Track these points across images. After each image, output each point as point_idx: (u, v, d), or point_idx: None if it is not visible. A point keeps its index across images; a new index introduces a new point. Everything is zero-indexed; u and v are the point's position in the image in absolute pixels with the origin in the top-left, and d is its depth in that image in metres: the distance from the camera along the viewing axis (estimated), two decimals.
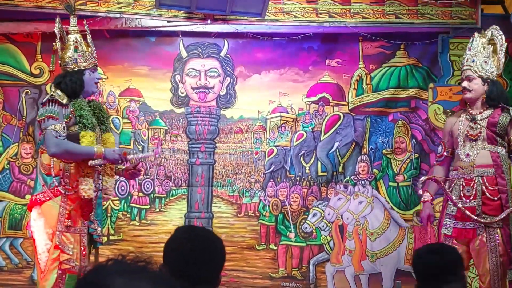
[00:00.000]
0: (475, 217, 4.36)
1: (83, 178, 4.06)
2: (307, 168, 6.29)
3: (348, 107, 6.32)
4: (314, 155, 6.30)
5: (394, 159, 6.23)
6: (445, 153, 4.68)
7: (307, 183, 6.29)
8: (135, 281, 1.26)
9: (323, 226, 6.22)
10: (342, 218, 6.19)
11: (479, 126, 4.48)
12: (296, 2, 6.01)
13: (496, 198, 4.40)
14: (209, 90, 6.34)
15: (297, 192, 6.27)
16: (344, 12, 6.01)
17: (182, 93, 6.33)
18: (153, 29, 6.15)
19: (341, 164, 6.27)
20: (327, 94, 6.33)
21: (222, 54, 6.35)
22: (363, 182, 6.22)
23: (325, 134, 6.31)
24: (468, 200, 4.43)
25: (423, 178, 4.71)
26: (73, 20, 4.37)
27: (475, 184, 4.43)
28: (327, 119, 6.32)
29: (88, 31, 4.43)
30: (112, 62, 6.27)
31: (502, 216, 4.34)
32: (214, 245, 2.33)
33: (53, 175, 4.08)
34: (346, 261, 6.16)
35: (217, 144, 6.32)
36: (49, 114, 4.03)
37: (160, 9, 5.79)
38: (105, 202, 5.02)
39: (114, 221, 6.19)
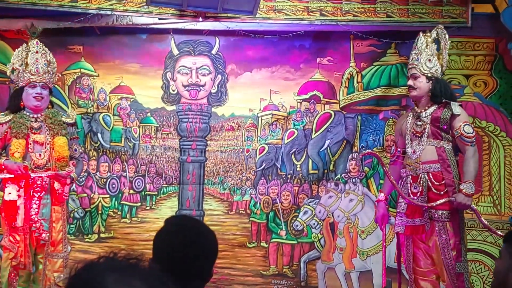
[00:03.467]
0: (422, 203, 4.43)
1: (7, 184, 4.55)
2: (298, 166, 6.30)
3: (339, 105, 6.33)
4: (305, 153, 6.31)
5: (385, 157, 6.24)
6: (397, 153, 4.75)
7: (298, 181, 6.30)
8: (127, 278, 1.26)
9: (314, 224, 6.24)
10: (333, 216, 6.21)
11: (423, 123, 4.55)
12: (288, 0, 6.01)
13: (442, 193, 4.45)
14: (201, 87, 6.34)
15: (288, 190, 6.28)
16: (335, 11, 6.02)
17: (173, 90, 6.32)
18: (144, 26, 6.14)
19: (332, 162, 6.29)
20: (318, 92, 6.34)
21: (213, 51, 6.35)
22: (354, 180, 6.24)
23: (316, 132, 6.32)
24: (415, 197, 4.48)
25: (365, 151, 4.78)
26: (31, 43, 4.83)
27: (421, 181, 4.49)
28: (318, 117, 6.33)
29: (38, 47, 4.81)
30: (103, 59, 6.25)
31: (441, 202, 4.39)
32: (206, 237, 2.26)
33: None
34: (337, 258, 6.17)
35: (208, 142, 6.32)
36: None
37: (151, 6, 5.78)
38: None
39: (105, 219, 6.18)
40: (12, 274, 4.50)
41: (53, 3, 5.79)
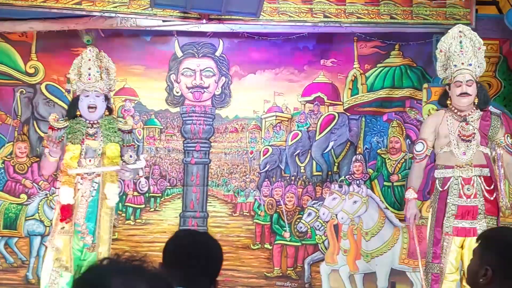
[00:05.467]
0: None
1: (62, 187, 4.62)
2: (302, 168, 6.30)
3: (343, 107, 6.33)
4: (309, 154, 6.31)
5: (389, 159, 6.24)
6: (426, 152, 4.69)
7: (302, 182, 6.30)
8: (132, 280, 1.26)
9: (318, 226, 6.23)
10: (337, 217, 6.20)
11: (471, 127, 4.53)
12: (291, 2, 6.01)
13: (492, 198, 4.48)
14: (204, 89, 6.34)
15: (292, 191, 6.27)
16: (339, 12, 6.01)
17: (177, 92, 6.33)
18: (148, 28, 6.15)
19: (336, 164, 6.28)
20: (322, 93, 6.33)
21: (217, 53, 6.35)
22: (357, 181, 6.23)
23: (320, 133, 6.32)
24: (469, 199, 4.47)
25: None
26: (85, 51, 4.84)
27: (475, 183, 4.48)
28: (322, 119, 6.33)
29: (91, 54, 4.78)
30: None
31: None
32: (212, 249, 2.36)
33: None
34: (341, 260, 6.16)
35: (212, 144, 6.32)
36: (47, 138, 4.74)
37: (155, 8, 5.78)
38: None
39: None
40: (53, 275, 4.56)
41: (57, 5, 5.79)
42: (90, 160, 4.68)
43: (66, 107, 6.04)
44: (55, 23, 5.91)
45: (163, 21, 6.04)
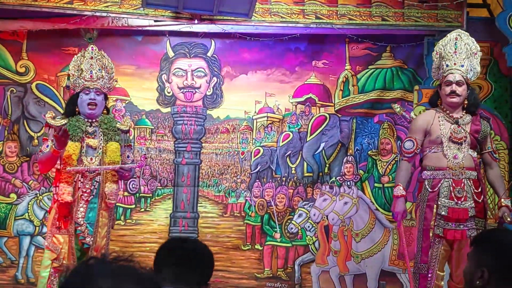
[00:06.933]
0: None
1: (61, 184, 4.51)
2: (293, 169, 6.31)
3: (334, 108, 6.34)
4: (300, 155, 6.31)
5: (380, 160, 6.26)
6: (416, 150, 4.68)
7: (293, 183, 6.30)
8: (119, 280, 1.26)
9: (308, 227, 6.23)
10: (327, 218, 6.21)
11: (463, 130, 4.54)
12: (283, 3, 6.01)
13: (480, 201, 4.50)
14: (196, 90, 6.34)
15: (283, 192, 6.28)
16: (330, 14, 6.03)
17: (169, 92, 6.32)
18: (140, 28, 6.14)
19: (327, 165, 6.29)
20: (313, 95, 6.34)
21: (209, 54, 6.35)
22: (348, 183, 6.24)
23: (311, 134, 6.33)
24: (460, 202, 4.48)
25: None
26: (87, 48, 4.76)
27: (465, 186, 4.49)
28: (313, 120, 6.34)
29: (93, 52, 4.72)
30: None
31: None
32: (203, 258, 2.39)
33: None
34: (331, 261, 6.17)
35: (203, 144, 6.32)
36: (44, 137, 4.82)
37: (147, 8, 5.77)
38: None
39: None
40: (52, 275, 4.48)
41: (48, 4, 5.77)
42: (91, 159, 4.62)
43: (56, 106, 6.06)
44: (46, 22, 5.88)
45: (155, 21, 6.03)
